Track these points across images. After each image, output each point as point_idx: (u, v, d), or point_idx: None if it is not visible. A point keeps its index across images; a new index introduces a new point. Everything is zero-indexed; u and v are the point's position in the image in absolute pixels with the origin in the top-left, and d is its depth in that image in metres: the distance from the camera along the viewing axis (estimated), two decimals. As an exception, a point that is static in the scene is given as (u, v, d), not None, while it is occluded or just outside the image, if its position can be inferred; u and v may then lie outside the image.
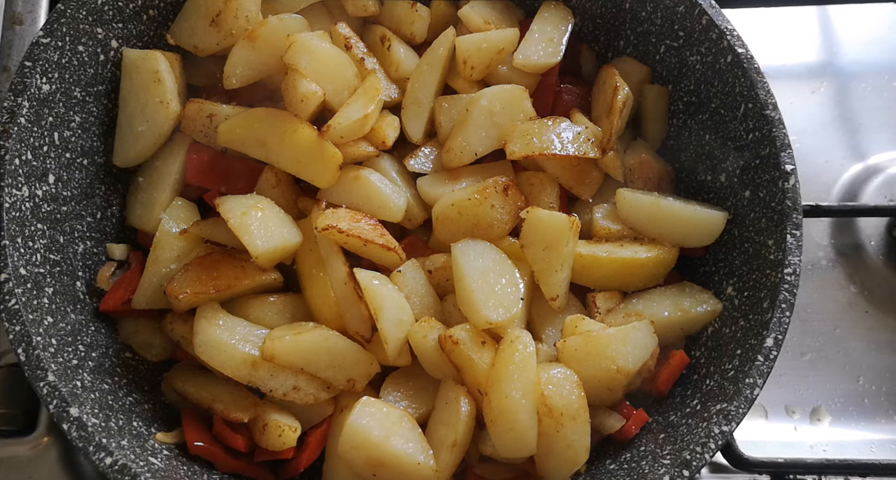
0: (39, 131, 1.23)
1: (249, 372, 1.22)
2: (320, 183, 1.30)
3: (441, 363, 1.24)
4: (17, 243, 1.17)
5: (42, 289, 1.19)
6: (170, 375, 1.32)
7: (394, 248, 1.26)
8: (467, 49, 1.37)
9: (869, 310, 1.66)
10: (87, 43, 1.29)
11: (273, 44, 1.30)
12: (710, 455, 1.12)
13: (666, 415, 1.28)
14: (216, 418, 1.25)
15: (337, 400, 1.28)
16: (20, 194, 1.19)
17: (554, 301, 1.28)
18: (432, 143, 1.40)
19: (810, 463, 1.44)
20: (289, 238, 1.26)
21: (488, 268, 1.24)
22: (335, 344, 1.23)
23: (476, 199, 1.29)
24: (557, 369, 1.20)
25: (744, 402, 1.15)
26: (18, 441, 1.34)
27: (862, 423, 1.58)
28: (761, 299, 1.23)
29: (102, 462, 1.08)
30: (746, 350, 1.21)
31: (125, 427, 1.18)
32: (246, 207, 1.25)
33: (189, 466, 1.22)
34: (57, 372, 1.12)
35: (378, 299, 1.21)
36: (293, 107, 1.28)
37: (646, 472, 1.16)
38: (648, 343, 1.26)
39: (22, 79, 1.20)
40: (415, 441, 1.19)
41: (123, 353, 1.31)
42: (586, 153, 1.34)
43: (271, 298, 1.30)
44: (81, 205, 1.31)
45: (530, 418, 1.17)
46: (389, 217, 1.30)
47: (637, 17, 1.42)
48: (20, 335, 1.12)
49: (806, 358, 1.62)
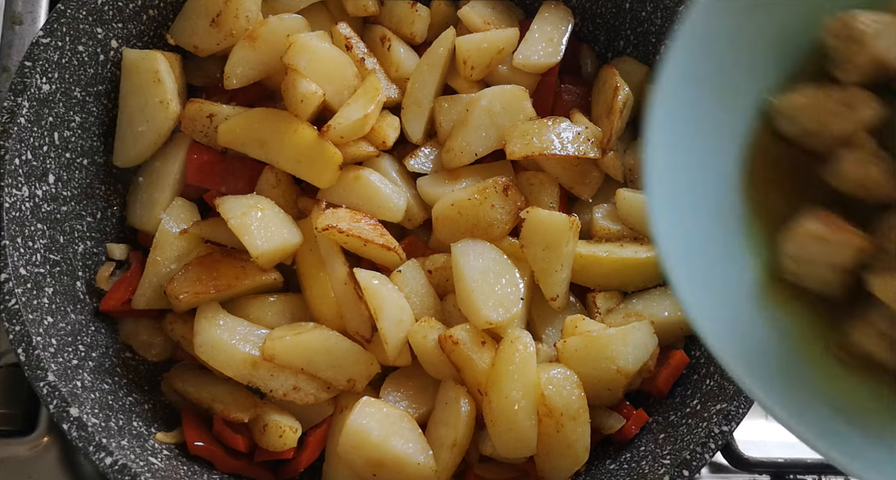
0: (39, 131, 1.23)
1: (250, 371, 1.22)
2: (320, 183, 1.30)
3: (441, 363, 1.24)
4: (17, 243, 1.17)
5: (42, 289, 1.19)
6: (170, 375, 1.32)
7: (394, 248, 1.26)
8: (467, 49, 1.37)
9: (869, 310, 1.66)
10: (87, 43, 1.29)
11: (273, 44, 1.30)
12: (710, 455, 1.12)
13: (666, 415, 1.28)
14: (216, 418, 1.25)
15: (337, 400, 1.28)
16: (20, 194, 1.19)
17: (554, 301, 1.28)
18: (432, 143, 1.40)
19: (810, 463, 1.44)
20: (289, 238, 1.26)
21: (488, 268, 1.24)
22: (335, 344, 1.24)
23: (476, 199, 1.29)
24: (557, 369, 1.20)
25: (744, 402, 1.15)
26: (18, 441, 1.34)
27: (862, 423, 1.58)
28: (761, 299, 1.23)
29: (102, 462, 1.08)
30: (746, 350, 1.20)
31: (125, 427, 1.18)
32: (246, 207, 1.25)
33: (189, 466, 1.22)
34: (57, 372, 1.12)
35: (378, 299, 1.21)
36: (293, 107, 1.28)
37: (646, 472, 1.16)
38: (648, 343, 1.26)
39: (22, 79, 1.20)
40: (415, 442, 1.19)
41: (123, 353, 1.31)
42: (586, 153, 1.34)
43: (271, 298, 1.30)
44: (81, 205, 1.31)
45: (530, 418, 1.17)
46: (389, 217, 1.31)
47: (637, 17, 1.42)
48: (20, 335, 1.12)
49: (806, 358, 1.62)
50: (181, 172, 1.34)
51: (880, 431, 0.59)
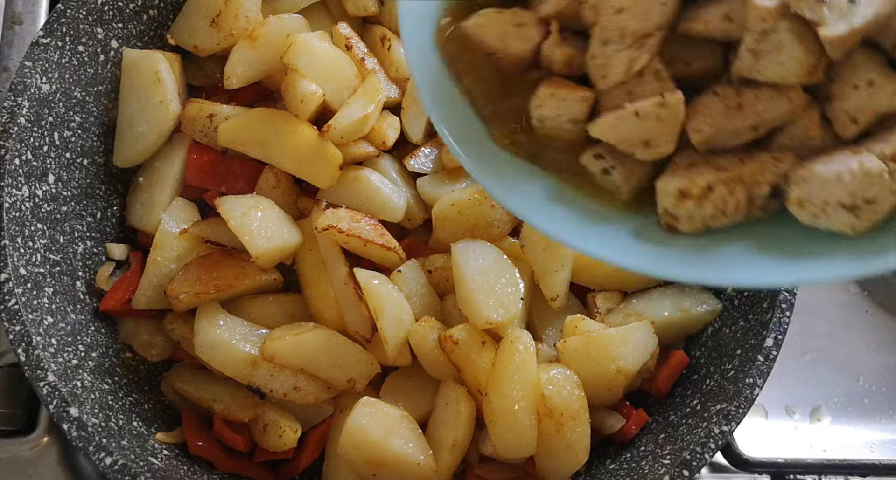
0: (39, 131, 1.23)
1: (250, 372, 1.22)
2: (320, 183, 1.30)
3: (441, 363, 1.24)
4: (17, 243, 1.17)
5: (42, 289, 1.19)
6: (170, 375, 1.32)
7: (394, 248, 1.26)
8: (467, 49, 1.37)
9: (869, 310, 1.66)
10: (87, 43, 1.29)
11: (273, 44, 1.30)
12: (710, 455, 1.12)
13: (666, 415, 1.28)
14: (216, 418, 1.25)
15: (337, 400, 1.28)
16: (20, 194, 1.19)
17: (554, 301, 1.28)
18: (432, 143, 1.40)
19: (810, 463, 1.44)
20: (289, 238, 1.26)
21: (488, 268, 1.24)
22: (335, 344, 1.23)
23: (476, 199, 1.28)
24: (557, 369, 1.20)
25: (744, 402, 1.15)
26: (18, 441, 1.34)
27: (862, 423, 1.58)
28: (761, 299, 1.23)
29: (102, 462, 1.08)
30: (746, 350, 1.21)
31: (125, 427, 1.18)
32: (246, 207, 1.25)
33: (189, 466, 1.22)
34: (57, 372, 1.12)
35: (378, 299, 1.21)
36: (293, 107, 1.28)
37: (646, 472, 1.16)
38: (648, 343, 1.26)
39: (22, 79, 1.20)
40: (415, 442, 1.19)
41: (123, 353, 1.31)
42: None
43: (271, 298, 1.30)
44: (81, 205, 1.31)
45: (530, 418, 1.17)
46: (389, 217, 1.30)
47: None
48: (20, 335, 1.12)
49: (806, 358, 1.62)
50: (181, 172, 1.34)
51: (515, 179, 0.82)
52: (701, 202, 0.74)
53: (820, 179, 0.70)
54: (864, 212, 0.69)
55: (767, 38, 0.70)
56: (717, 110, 0.74)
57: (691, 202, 0.74)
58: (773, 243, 0.74)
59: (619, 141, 0.75)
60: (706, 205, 0.74)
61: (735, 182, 0.74)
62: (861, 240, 0.70)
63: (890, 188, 0.68)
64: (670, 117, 0.74)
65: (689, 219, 0.75)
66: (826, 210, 0.70)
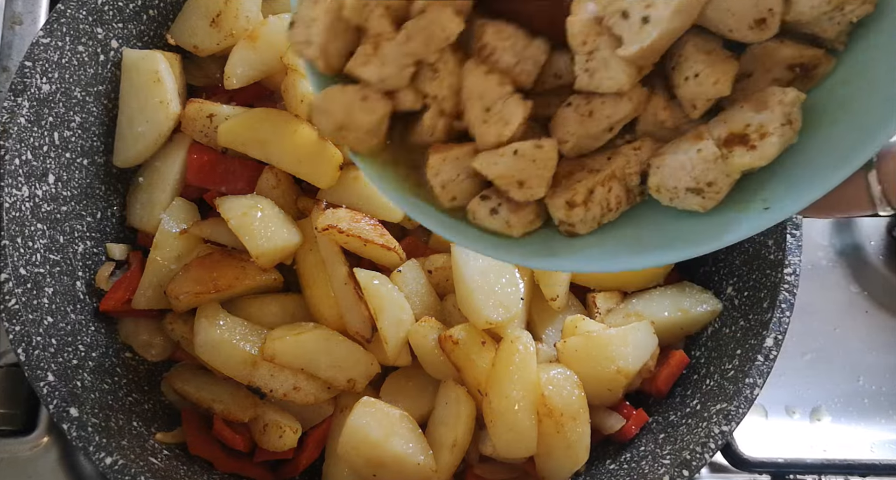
0: (39, 131, 1.23)
1: (250, 372, 1.22)
2: (320, 183, 1.29)
3: (441, 363, 1.24)
4: (17, 243, 1.17)
5: (42, 289, 1.19)
6: (170, 375, 1.32)
7: (394, 248, 1.26)
8: (467, 49, 1.37)
9: (869, 310, 1.66)
10: (87, 43, 1.29)
11: (273, 44, 1.30)
12: (710, 455, 1.12)
13: (666, 415, 1.28)
14: (216, 418, 1.25)
15: (337, 400, 1.28)
16: (20, 194, 1.19)
17: (554, 301, 1.28)
18: (432, 143, 1.40)
19: (810, 463, 1.44)
20: (289, 238, 1.26)
21: (488, 268, 1.24)
22: (335, 344, 1.23)
23: (476, 199, 1.28)
24: (557, 369, 1.20)
25: (744, 402, 1.15)
26: (18, 441, 1.34)
27: (862, 423, 1.58)
28: (761, 299, 1.23)
29: (102, 462, 1.08)
30: (746, 350, 1.21)
31: (125, 427, 1.18)
32: (246, 207, 1.25)
33: (189, 466, 1.22)
34: (57, 372, 1.12)
35: (378, 299, 1.21)
36: (293, 108, 1.28)
37: (646, 472, 1.16)
38: (648, 343, 1.26)
39: (22, 79, 1.20)
40: (415, 442, 1.19)
41: (123, 353, 1.31)
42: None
43: (271, 298, 1.30)
44: (81, 205, 1.31)
45: (530, 418, 1.17)
46: (389, 217, 1.30)
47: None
48: (20, 335, 1.12)
49: (806, 358, 1.62)
50: (181, 172, 1.34)
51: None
52: (587, 206, 0.81)
53: (669, 167, 0.78)
54: (708, 193, 0.77)
55: (594, 57, 0.77)
56: (573, 120, 0.81)
57: (579, 208, 0.81)
58: (651, 225, 0.82)
59: (498, 176, 0.80)
60: (592, 207, 0.81)
61: (610, 179, 0.81)
62: (712, 215, 0.79)
63: (724, 171, 0.76)
64: (544, 160, 0.80)
65: (583, 223, 0.82)
66: (678, 193, 0.79)
